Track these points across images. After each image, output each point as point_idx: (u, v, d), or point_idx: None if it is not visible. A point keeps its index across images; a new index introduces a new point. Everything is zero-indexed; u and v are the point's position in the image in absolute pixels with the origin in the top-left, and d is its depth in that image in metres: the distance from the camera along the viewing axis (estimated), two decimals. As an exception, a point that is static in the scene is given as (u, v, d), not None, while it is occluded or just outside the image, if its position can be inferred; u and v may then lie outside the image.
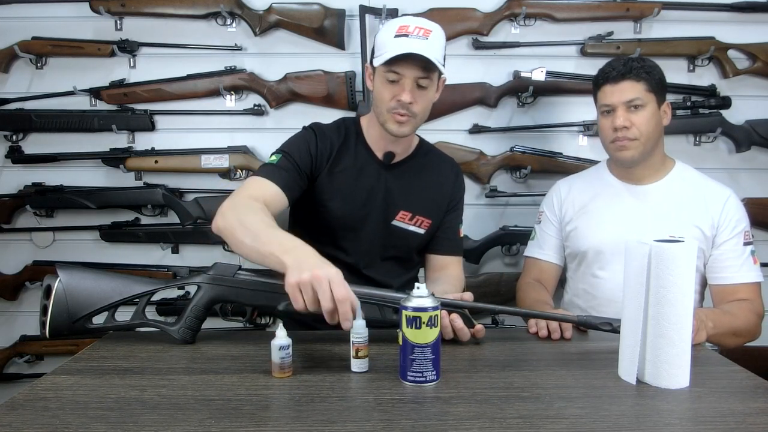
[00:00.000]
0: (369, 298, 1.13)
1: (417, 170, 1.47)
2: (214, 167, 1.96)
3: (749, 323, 1.41)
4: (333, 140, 1.41)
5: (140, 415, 0.84)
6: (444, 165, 1.53)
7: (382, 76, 1.32)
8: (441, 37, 1.33)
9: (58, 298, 1.09)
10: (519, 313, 1.35)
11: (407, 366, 0.95)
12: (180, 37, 1.96)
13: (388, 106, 1.32)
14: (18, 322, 2.06)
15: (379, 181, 1.42)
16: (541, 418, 0.84)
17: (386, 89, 1.32)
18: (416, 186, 1.45)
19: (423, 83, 1.31)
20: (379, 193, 1.42)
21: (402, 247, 1.46)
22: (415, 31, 1.28)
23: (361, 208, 1.41)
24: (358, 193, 1.41)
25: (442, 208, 1.49)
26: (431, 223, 1.46)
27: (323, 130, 1.43)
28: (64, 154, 1.98)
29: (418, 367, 0.95)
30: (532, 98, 1.98)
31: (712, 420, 0.84)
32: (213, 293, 1.14)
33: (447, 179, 1.51)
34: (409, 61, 1.27)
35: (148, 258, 2.04)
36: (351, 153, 1.42)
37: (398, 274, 1.47)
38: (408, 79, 1.30)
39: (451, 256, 1.50)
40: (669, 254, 0.93)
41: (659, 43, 1.95)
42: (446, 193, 1.50)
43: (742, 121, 1.99)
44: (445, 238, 1.49)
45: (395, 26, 1.30)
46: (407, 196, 1.44)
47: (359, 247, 1.42)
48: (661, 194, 1.51)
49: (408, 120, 1.33)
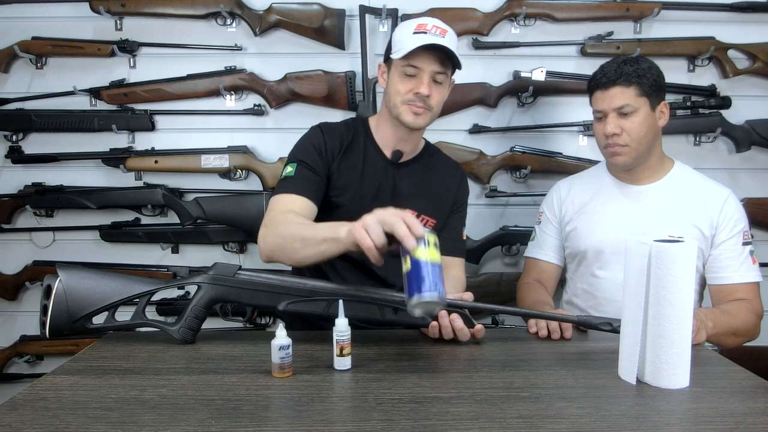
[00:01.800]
0: (369, 298, 1.13)
1: (424, 170, 1.49)
2: (214, 167, 1.96)
3: (748, 323, 1.41)
4: (342, 137, 1.43)
5: (140, 415, 0.84)
6: (450, 168, 1.55)
7: (400, 70, 1.35)
8: (455, 37, 1.38)
9: (58, 298, 1.09)
10: (519, 313, 1.35)
11: (421, 281, 0.94)
12: (180, 37, 1.96)
13: (405, 98, 1.35)
14: (18, 322, 2.06)
15: (387, 178, 1.44)
16: (541, 418, 0.84)
17: (403, 83, 1.35)
18: (423, 186, 1.47)
19: (439, 78, 1.35)
20: (386, 190, 1.43)
21: None
22: (433, 29, 1.32)
23: (370, 204, 1.40)
24: (366, 189, 1.42)
25: (447, 210, 1.50)
26: (435, 224, 1.47)
27: (331, 128, 1.45)
28: (64, 154, 1.98)
29: (432, 279, 0.95)
30: (532, 98, 1.98)
31: (712, 420, 0.84)
32: (213, 293, 1.14)
33: (452, 181, 1.52)
34: (428, 55, 1.31)
35: (148, 258, 2.04)
36: (359, 150, 1.44)
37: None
38: (426, 73, 1.33)
39: (453, 257, 1.50)
40: (669, 254, 0.93)
41: (659, 43, 1.95)
42: (451, 195, 1.51)
43: (742, 121, 1.99)
44: (448, 239, 1.50)
45: (413, 25, 1.34)
46: (414, 195, 1.45)
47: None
48: (660, 194, 1.51)
49: (424, 112, 1.36)
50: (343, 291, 1.13)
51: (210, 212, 1.93)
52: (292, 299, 1.12)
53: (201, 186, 2.01)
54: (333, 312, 1.05)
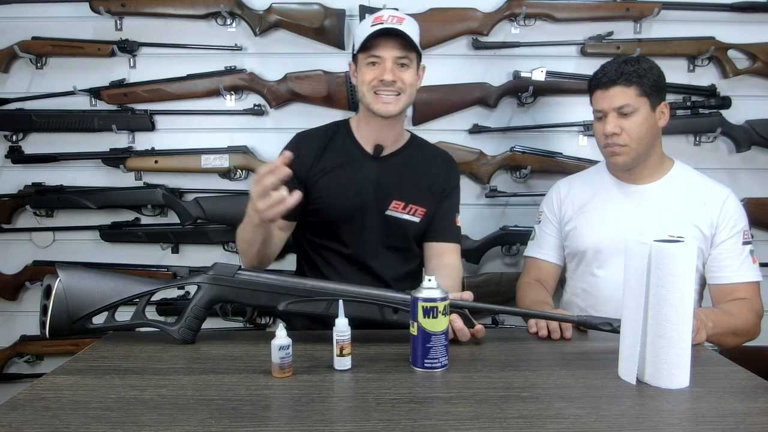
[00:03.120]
0: (369, 298, 1.13)
1: (408, 161, 1.50)
2: (214, 167, 1.96)
3: (748, 323, 1.41)
4: (319, 141, 1.48)
5: (140, 415, 0.84)
6: (436, 156, 1.57)
7: (364, 62, 1.39)
8: (414, 24, 1.42)
9: (58, 298, 1.09)
10: (519, 313, 1.35)
11: (424, 354, 1.01)
12: (180, 37, 1.96)
13: (370, 86, 1.38)
14: (18, 322, 2.06)
15: (369, 173, 1.46)
16: (541, 418, 0.84)
17: (368, 72, 1.39)
18: (408, 176, 1.49)
19: (403, 61, 1.38)
20: (369, 184, 1.45)
21: (400, 236, 1.49)
22: (389, 19, 1.37)
23: (354, 200, 1.45)
24: (348, 186, 1.44)
25: (436, 197, 1.52)
26: (426, 212, 1.49)
27: (304, 136, 1.51)
28: (64, 154, 1.98)
29: (434, 353, 1.01)
30: (532, 98, 1.98)
31: (712, 420, 0.84)
32: (213, 293, 1.14)
33: (440, 168, 1.54)
34: (387, 42, 1.36)
35: (148, 258, 2.03)
36: (339, 150, 1.47)
37: (399, 266, 1.50)
38: (387, 59, 1.37)
39: (447, 243, 1.52)
40: (669, 254, 0.93)
41: (659, 43, 1.95)
42: (439, 183, 1.52)
43: (742, 121, 1.99)
44: (440, 225, 1.52)
45: (370, 20, 1.39)
46: (399, 186, 1.47)
47: (359, 239, 1.45)
48: (660, 194, 1.51)
49: (395, 99, 1.39)
50: (343, 291, 1.14)
51: (210, 212, 1.93)
52: (292, 299, 1.13)
53: (201, 186, 2.01)
54: (333, 312, 1.05)
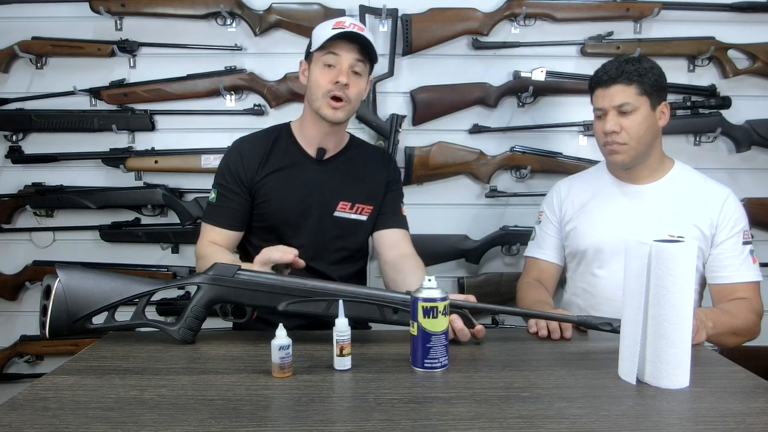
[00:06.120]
0: (369, 298, 1.13)
1: (350, 162, 1.52)
2: (214, 167, 1.94)
3: (749, 322, 1.41)
4: (262, 146, 1.48)
5: (140, 415, 0.84)
6: (376, 155, 1.60)
7: (321, 61, 1.39)
8: (372, 36, 1.42)
9: (58, 298, 1.09)
10: (519, 313, 1.35)
11: (424, 354, 1.01)
12: (180, 37, 1.96)
13: (325, 90, 1.38)
14: (18, 322, 2.06)
15: (314, 176, 1.47)
16: (541, 418, 0.84)
17: (323, 75, 1.39)
18: (351, 176, 1.50)
19: (358, 69, 1.39)
20: (314, 188, 1.46)
21: (349, 236, 1.50)
22: (350, 26, 1.38)
23: (299, 204, 1.46)
24: (292, 190, 1.45)
25: (380, 193, 1.54)
26: (372, 209, 1.51)
27: (245, 142, 1.51)
28: (64, 154, 1.98)
29: (434, 353, 1.01)
30: (532, 98, 1.98)
31: (712, 420, 0.84)
32: (213, 293, 1.14)
33: (380, 166, 1.56)
34: (347, 44, 1.37)
35: (148, 258, 2.04)
36: (281, 154, 1.48)
37: (345, 266, 1.51)
38: (345, 60, 1.38)
39: (397, 229, 1.53)
40: (669, 254, 0.93)
41: (659, 43, 1.95)
42: (381, 179, 1.55)
43: (742, 121, 1.99)
44: (388, 214, 1.54)
45: (332, 23, 1.39)
46: (344, 187, 1.49)
47: (302, 241, 1.44)
48: (660, 194, 1.51)
49: (343, 106, 1.40)
50: (343, 291, 1.13)
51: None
52: (292, 299, 1.13)
53: (201, 186, 2.01)
54: (333, 312, 1.05)
